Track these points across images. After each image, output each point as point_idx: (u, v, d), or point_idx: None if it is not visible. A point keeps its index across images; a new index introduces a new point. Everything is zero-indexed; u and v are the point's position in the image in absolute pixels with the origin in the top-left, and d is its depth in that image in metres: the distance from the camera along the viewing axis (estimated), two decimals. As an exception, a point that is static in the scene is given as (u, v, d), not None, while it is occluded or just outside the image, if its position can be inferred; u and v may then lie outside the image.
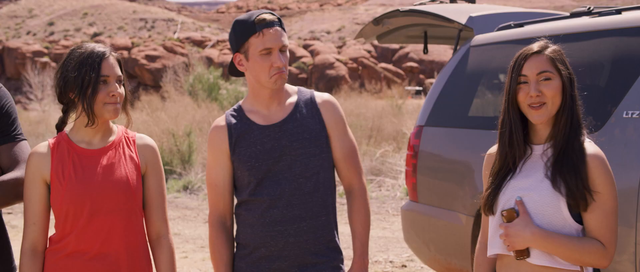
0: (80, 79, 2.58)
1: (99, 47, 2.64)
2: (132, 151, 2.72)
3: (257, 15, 2.74)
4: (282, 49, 2.74)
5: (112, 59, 2.64)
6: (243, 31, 2.75)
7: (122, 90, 2.65)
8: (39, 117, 25.36)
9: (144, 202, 2.74)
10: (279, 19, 2.77)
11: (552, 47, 2.51)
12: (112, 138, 2.71)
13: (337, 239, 2.85)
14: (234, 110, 2.87)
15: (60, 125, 2.71)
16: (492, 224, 2.56)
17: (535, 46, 2.51)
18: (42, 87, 39.20)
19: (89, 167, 2.63)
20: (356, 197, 2.88)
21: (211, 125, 2.89)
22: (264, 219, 2.76)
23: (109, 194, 2.61)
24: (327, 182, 2.82)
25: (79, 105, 2.62)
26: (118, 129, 2.76)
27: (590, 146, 2.47)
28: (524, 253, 2.44)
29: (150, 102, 21.52)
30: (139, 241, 2.71)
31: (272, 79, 2.73)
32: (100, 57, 2.60)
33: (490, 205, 2.54)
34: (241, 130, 2.80)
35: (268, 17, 2.74)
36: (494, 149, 2.66)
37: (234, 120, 2.82)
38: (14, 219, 9.43)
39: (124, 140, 2.73)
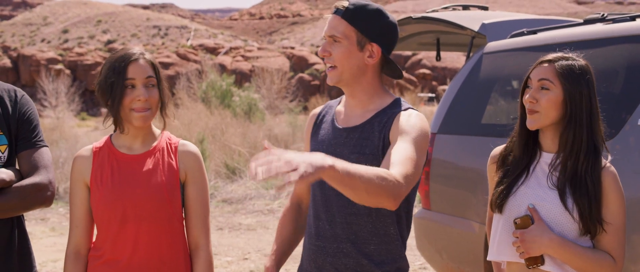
0: (108, 84, 2.58)
1: (130, 50, 2.62)
2: (172, 158, 2.67)
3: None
4: (336, 39, 2.46)
5: (142, 62, 2.60)
6: None
7: (153, 94, 2.60)
8: (53, 124, 25.48)
9: (185, 211, 2.70)
10: (348, 9, 2.46)
11: (568, 62, 2.47)
12: (154, 144, 2.68)
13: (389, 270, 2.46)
14: (337, 101, 2.65)
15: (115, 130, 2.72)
16: (498, 225, 2.56)
17: (550, 55, 2.51)
18: (57, 94, 39.42)
19: (126, 172, 2.62)
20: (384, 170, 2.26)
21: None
22: (310, 229, 2.56)
23: (142, 201, 2.59)
24: (383, 209, 2.44)
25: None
26: (162, 134, 2.73)
27: (607, 170, 2.45)
28: (537, 260, 2.43)
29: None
30: (177, 250, 2.67)
31: (327, 73, 2.51)
32: (127, 61, 2.57)
33: (499, 204, 2.53)
34: (322, 124, 2.60)
35: (339, 4, 2.49)
36: (497, 150, 2.67)
37: (325, 110, 2.63)
38: (28, 225, 9.46)
39: (166, 146, 2.69)
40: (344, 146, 2.48)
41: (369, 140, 2.45)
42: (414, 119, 2.41)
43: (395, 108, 2.48)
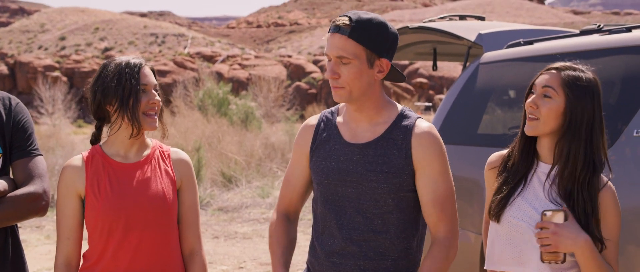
0: (121, 89, 2.57)
1: (134, 58, 2.65)
2: (167, 165, 2.69)
3: (338, 17, 2.45)
4: (343, 61, 2.39)
5: (147, 69, 2.65)
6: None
7: (159, 98, 2.65)
8: (49, 131, 25.46)
9: (178, 218, 2.71)
10: (353, 26, 2.38)
11: (575, 73, 2.45)
12: (146, 152, 2.70)
13: None
14: (331, 112, 2.60)
15: (94, 141, 2.71)
16: (496, 234, 2.55)
17: (558, 63, 2.50)
18: (53, 102, 39.37)
19: (125, 181, 2.61)
20: (436, 245, 2.46)
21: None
22: (324, 245, 2.51)
23: (146, 209, 2.59)
24: (402, 224, 2.47)
25: (118, 118, 2.60)
26: (152, 142, 2.75)
27: (606, 189, 2.44)
28: (558, 257, 2.38)
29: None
30: (174, 257, 2.68)
31: (332, 90, 2.46)
32: (138, 67, 2.61)
33: (497, 213, 2.52)
34: (324, 138, 2.53)
35: (340, 21, 2.41)
36: (494, 156, 2.65)
37: (323, 124, 2.57)
38: (23, 233, 9.44)
39: (159, 154, 2.71)
40: (358, 163, 2.45)
41: (388, 157, 2.43)
42: (435, 140, 2.45)
43: (405, 120, 2.48)
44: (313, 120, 2.62)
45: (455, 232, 2.48)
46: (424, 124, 2.46)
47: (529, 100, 2.48)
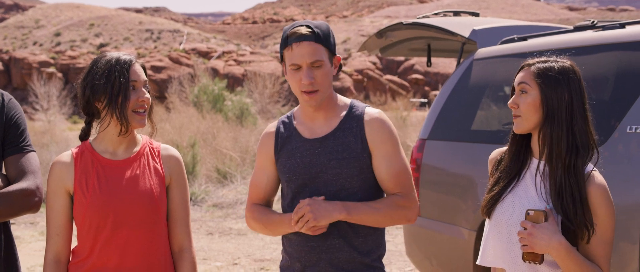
0: (109, 86, 2.56)
1: (124, 55, 2.63)
2: (157, 162, 2.68)
3: (292, 29, 2.64)
4: (315, 65, 2.60)
5: (138, 66, 2.64)
6: (281, 43, 2.68)
7: (149, 97, 2.64)
8: (44, 127, 25.39)
9: (168, 215, 2.71)
10: (315, 32, 2.61)
11: (546, 65, 2.48)
12: (136, 149, 2.69)
13: (377, 259, 2.75)
14: (286, 117, 2.82)
15: (83, 137, 2.70)
16: (488, 230, 2.57)
17: (529, 60, 2.55)
18: (48, 98, 39.29)
19: (113, 178, 2.60)
20: (388, 197, 2.71)
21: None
22: (299, 233, 2.70)
23: (133, 207, 2.58)
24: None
25: (106, 115, 2.59)
26: (143, 139, 2.74)
27: (594, 176, 2.44)
28: (537, 257, 2.40)
29: (154, 113, 21.42)
30: (163, 254, 2.67)
31: (303, 97, 2.64)
32: (128, 64, 2.59)
33: (488, 210, 2.56)
34: (286, 140, 2.76)
35: (301, 30, 2.61)
36: (494, 153, 2.67)
37: (282, 128, 2.79)
38: (16, 229, 9.43)
39: (148, 151, 2.70)
40: (320, 154, 2.68)
41: (347, 145, 2.68)
42: (384, 123, 2.70)
43: (355, 110, 2.72)
44: (271, 127, 2.84)
45: (411, 199, 2.70)
46: (373, 110, 2.73)
47: (510, 101, 2.52)
